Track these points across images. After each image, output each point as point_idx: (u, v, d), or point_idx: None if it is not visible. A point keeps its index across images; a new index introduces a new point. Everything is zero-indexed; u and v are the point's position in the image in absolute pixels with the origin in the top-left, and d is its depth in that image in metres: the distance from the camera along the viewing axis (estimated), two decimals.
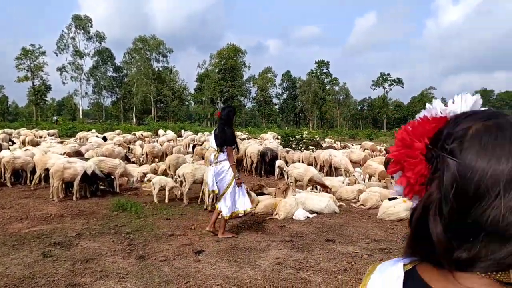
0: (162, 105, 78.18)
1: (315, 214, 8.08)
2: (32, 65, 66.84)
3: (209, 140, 7.26)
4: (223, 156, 6.68)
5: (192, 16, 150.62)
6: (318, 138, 26.84)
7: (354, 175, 11.47)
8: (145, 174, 11.37)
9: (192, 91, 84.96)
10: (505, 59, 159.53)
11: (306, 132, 25.23)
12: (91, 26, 70.28)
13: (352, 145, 23.74)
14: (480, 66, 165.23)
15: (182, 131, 31.53)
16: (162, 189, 9.35)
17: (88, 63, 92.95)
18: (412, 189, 0.83)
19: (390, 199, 8.09)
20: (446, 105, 0.95)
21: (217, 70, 79.16)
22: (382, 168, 10.99)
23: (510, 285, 0.75)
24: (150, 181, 10.93)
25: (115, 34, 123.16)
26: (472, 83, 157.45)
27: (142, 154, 14.72)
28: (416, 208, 0.80)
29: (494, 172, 0.72)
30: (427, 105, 1.00)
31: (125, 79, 76.35)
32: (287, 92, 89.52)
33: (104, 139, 22.35)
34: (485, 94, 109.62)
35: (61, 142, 18.78)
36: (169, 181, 9.39)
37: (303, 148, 17.19)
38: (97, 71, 73.19)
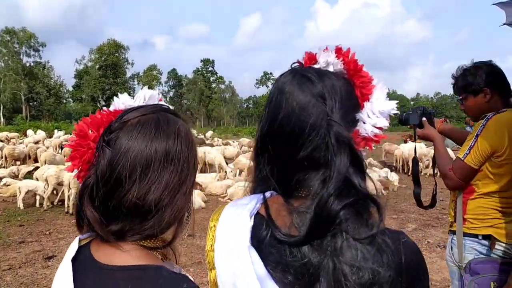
0: (35, 103, 71.71)
1: None
2: None
3: None
4: None
5: (71, 9, 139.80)
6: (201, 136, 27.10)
7: (226, 171, 11.79)
8: (0, 179, 10.38)
9: (71, 89, 79.48)
10: (375, 62, 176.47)
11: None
12: None
13: (234, 141, 24.30)
14: None
15: (56, 131, 29.31)
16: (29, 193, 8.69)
17: None
18: (79, 175, 0.93)
19: None
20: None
21: (97, 66, 74.87)
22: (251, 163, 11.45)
23: (154, 249, 0.89)
24: (8, 185, 10.07)
25: None
26: None
27: (1, 157, 13.36)
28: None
29: (134, 161, 0.85)
30: (115, 98, 1.11)
31: None
32: (174, 90, 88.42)
33: None
34: None
35: None
36: (39, 185, 8.72)
37: None
38: None
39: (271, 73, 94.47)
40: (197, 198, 8.46)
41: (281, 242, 0.83)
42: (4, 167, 12.59)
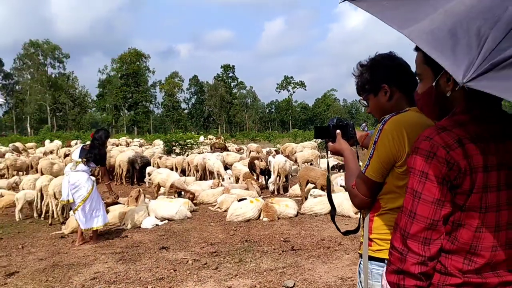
0: (61, 113, 73.43)
1: (166, 221, 7.87)
2: None
3: (72, 152, 7.46)
4: (81, 167, 6.71)
5: (98, 21, 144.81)
6: (214, 141, 26.98)
7: (223, 178, 11.46)
8: None
9: (95, 98, 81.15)
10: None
11: (203, 137, 25.03)
12: None
13: (246, 147, 24.00)
14: None
15: (73, 141, 29.67)
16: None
17: None
18: None
19: (239, 200, 8.13)
20: None
21: (119, 75, 76.20)
22: (246, 169, 11.10)
23: None
24: (1, 196, 10.03)
25: (12, 39, 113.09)
26: None
27: (3, 168, 13.39)
28: None
29: None
30: None
31: (17, 87, 70.54)
32: (196, 96, 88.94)
33: None
34: None
35: None
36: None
37: (187, 152, 16.98)
38: None
39: (291, 77, 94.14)
40: (183, 207, 8.15)
41: None
42: (6, 177, 12.66)
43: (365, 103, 2.09)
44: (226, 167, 13.72)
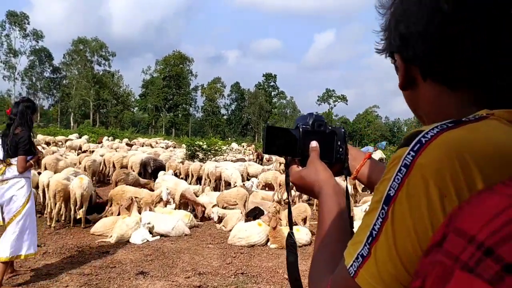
0: (104, 110, 75.00)
1: (158, 237, 6.82)
2: None
3: None
4: (12, 171, 4.58)
5: (152, 24, 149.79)
6: (247, 150, 26.08)
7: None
8: None
9: (138, 97, 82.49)
10: None
11: (236, 144, 24.12)
12: (28, 24, 66.47)
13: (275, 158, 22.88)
14: None
15: (105, 137, 29.55)
16: None
17: (24, 62, 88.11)
18: None
19: (246, 220, 7.00)
20: None
21: (162, 76, 77.15)
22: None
23: None
24: None
25: (69, 36, 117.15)
26: None
27: None
28: None
29: None
30: None
31: (64, 81, 72.72)
32: (236, 103, 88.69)
33: None
34: None
35: None
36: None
37: (211, 158, 16.03)
38: (32, 71, 69.27)
39: (333, 90, 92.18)
40: (181, 222, 7.09)
41: None
42: None
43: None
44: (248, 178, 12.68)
